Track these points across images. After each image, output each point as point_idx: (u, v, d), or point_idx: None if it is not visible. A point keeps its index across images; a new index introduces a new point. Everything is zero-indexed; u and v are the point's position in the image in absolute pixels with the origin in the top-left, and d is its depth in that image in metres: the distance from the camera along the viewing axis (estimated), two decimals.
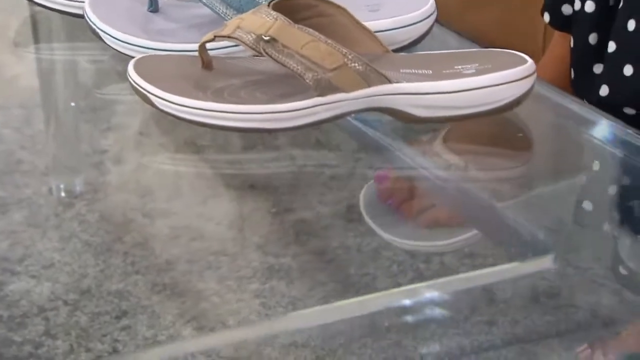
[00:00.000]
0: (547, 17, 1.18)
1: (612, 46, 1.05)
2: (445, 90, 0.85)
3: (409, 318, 0.68)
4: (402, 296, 0.69)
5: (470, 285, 0.70)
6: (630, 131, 0.88)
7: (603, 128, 0.91)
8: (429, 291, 0.69)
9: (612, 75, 1.05)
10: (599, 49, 1.08)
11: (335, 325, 0.67)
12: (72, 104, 0.98)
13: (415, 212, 0.81)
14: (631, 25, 1.03)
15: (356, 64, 0.83)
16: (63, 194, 0.82)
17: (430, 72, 0.87)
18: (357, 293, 0.69)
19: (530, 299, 0.69)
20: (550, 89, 0.96)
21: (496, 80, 0.85)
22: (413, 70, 0.87)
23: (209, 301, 0.67)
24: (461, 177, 0.85)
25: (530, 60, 0.87)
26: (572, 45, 1.13)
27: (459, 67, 0.87)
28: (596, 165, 0.90)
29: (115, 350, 0.63)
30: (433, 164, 0.86)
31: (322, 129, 0.87)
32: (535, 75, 0.88)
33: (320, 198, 0.79)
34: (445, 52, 0.92)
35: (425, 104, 0.85)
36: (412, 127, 0.87)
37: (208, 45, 0.87)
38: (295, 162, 0.86)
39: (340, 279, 0.71)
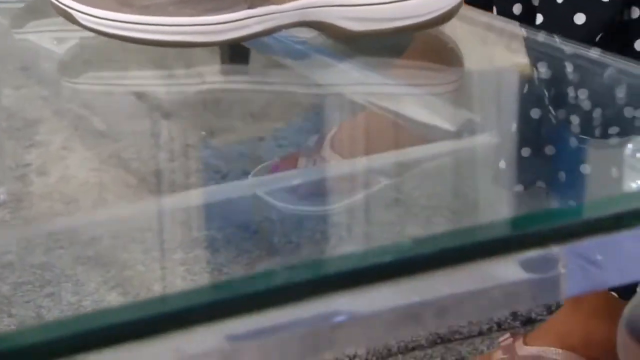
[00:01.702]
0: None
1: (539, 18, 1.06)
2: (377, 1, 0.85)
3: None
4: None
5: (413, 157, 0.70)
6: (555, 37, 0.89)
7: (528, 37, 0.92)
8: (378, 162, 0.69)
9: None
10: (524, 20, 1.09)
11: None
12: None
13: None
14: None
15: None
16: None
17: None
18: (282, 259, 0.69)
19: None
20: (476, 11, 0.97)
21: None
22: None
23: (133, 269, 0.67)
24: (396, 93, 0.85)
25: None
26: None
27: None
28: (530, 71, 0.90)
29: (39, 316, 0.62)
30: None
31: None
32: None
33: None
34: None
35: (357, 15, 0.85)
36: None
37: None
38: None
39: (265, 247, 0.71)
